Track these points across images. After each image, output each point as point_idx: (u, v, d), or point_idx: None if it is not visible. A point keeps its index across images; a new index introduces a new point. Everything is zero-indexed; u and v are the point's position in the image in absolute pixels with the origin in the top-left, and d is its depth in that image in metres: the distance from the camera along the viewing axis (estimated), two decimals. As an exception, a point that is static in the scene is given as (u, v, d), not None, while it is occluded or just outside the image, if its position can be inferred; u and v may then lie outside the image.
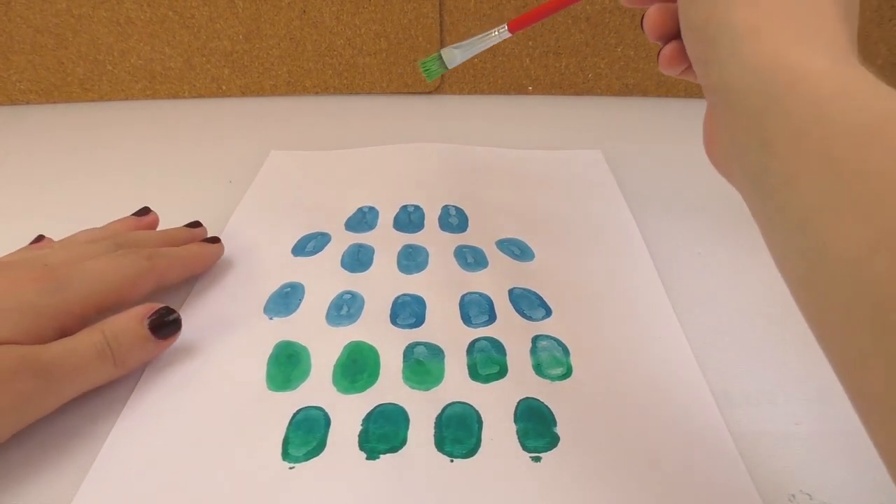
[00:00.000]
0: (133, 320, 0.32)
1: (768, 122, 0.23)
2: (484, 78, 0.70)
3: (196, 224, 0.42)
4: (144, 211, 0.42)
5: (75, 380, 0.30)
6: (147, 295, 0.36)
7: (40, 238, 0.38)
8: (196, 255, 0.39)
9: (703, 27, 0.28)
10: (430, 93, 0.71)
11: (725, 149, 0.27)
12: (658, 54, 0.34)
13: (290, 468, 0.28)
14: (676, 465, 0.28)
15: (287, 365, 0.33)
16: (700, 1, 0.28)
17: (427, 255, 0.43)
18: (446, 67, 0.45)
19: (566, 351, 0.34)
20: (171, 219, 0.46)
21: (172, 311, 0.33)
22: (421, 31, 0.67)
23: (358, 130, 0.62)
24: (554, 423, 0.30)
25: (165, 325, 0.33)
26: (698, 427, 0.30)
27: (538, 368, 0.33)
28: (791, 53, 0.24)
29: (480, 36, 0.43)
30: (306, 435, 0.29)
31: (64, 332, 0.31)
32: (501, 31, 0.42)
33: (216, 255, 0.41)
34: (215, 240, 0.41)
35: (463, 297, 0.38)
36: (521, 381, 0.32)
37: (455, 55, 0.44)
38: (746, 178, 0.25)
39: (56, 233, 0.44)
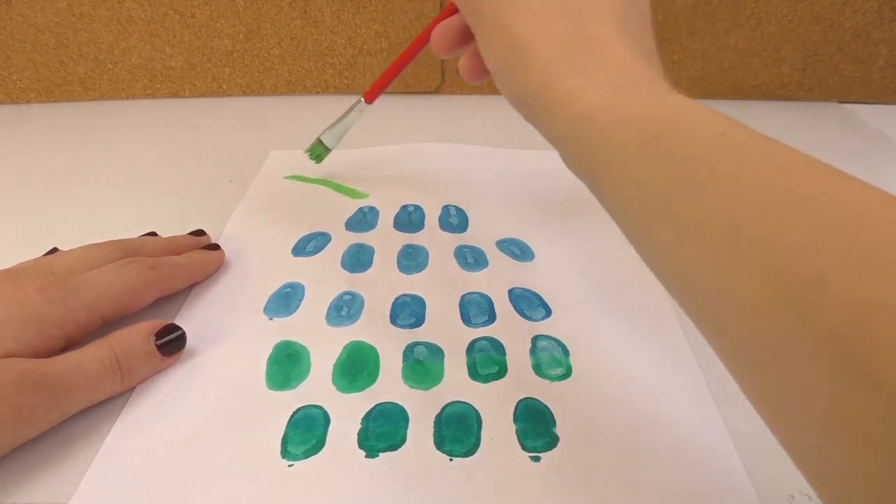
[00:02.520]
0: (140, 336, 0.32)
1: (582, 167, 0.28)
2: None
3: (200, 232, 0.42)
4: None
5: (80, 395, 0.30)
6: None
7: (54, 251, 0.37)
8: (198, 264, 0.39)
9: (509, 94, 0.31)
10: (430, 93, 0.71)
11: None
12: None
13: (290, 466, 0.28)
14: (676, 466, 0.28)
15: (287, 364, 0.33)
16: (502, 73, 0.31)
17: (427, 255, 0.43)
18: (329, 149, 0.50)
19: (566, 351, 0.34)
20: (171, 218, 0.46)
21: (177, 328, 0.33)
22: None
23: (358, 130, 0.61)
24: (553, 423, 0.30)
25: (171, 341, 0.33)
26: (698, 427, 0.30)
27: (538, 368, 0.33)
28: (579, 98, 0.27)
29: (344, 114, 0.48)
30: (305, 433, 0.29)
31: (69, 342, 0.32)
32: (360, 105, 0.48)
33: (218, 262, 0.41)
34: (215, 247, 0.41)
35: (463, 297, 0.38)
36: (520, 381, 0.32)
37: (334, 135, 0.49)
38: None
39: (56, 232, 0.44)
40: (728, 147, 0.22)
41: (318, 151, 0.50)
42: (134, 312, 0.35)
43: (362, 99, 0.47)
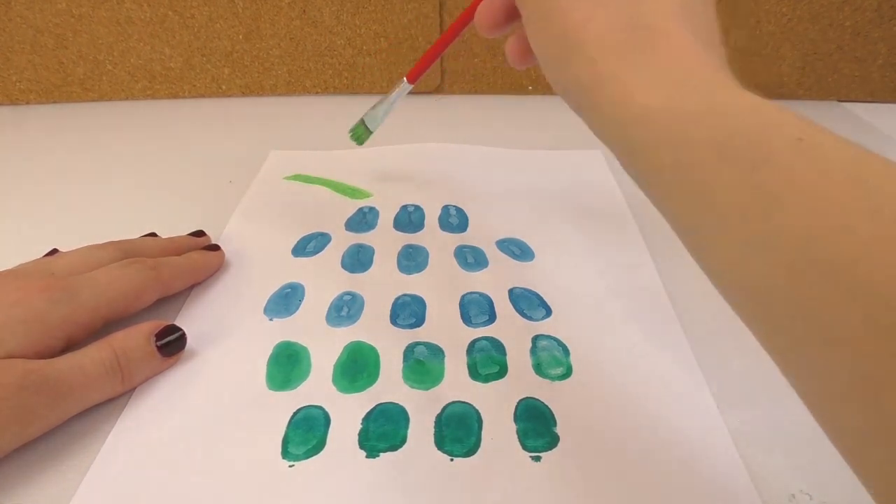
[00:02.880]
0: (140, 337, 0.32)
1: (637, 169, 0.26)
2: (484, 78, 0.70)
3: (200, 233, 0.42)
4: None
5: (81, 396, 0.30)
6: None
7: (54, 251, 0.37)
8: (198, 265, 0.39)
9: (557, 84, 0.29)
10: (430, 93, 0.71)
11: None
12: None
13: (290, 466, 0.28)
14: (676, 465, 0.28)
15: (287, 365, 0.33)
16: (550, 63, 0.29)
17: (427, 255, 0.43)
18: (371, 131, 0.50)
19: (566, 351, 0.34)
20: (171, 219, 0.46)
21: (178, 329, 0.33)
22: (421, 31, 0.67)
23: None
24: (554, 422, 0.30)
25: (171, 342, 0.33)
26: (698, 427, 0.30)
27: (538, 368, 0.33)
28: (635, 95, 0.25)
29: (388, 95, 0.48)
30: (306, 433, 0.29)
31: (70, 342, 0.32)
32: (403, 85, 0.47)
33: (218, 263, 0.41)
34: (215, 247, 0.41)
35: (463, 296, 0.38)
36: (521, 381, 0.32)
37: (376, 116, 0.49)
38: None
39: (56, 233, 0.44)
40: (806, 154, 0.20)
41: (360, 132, 0.50)
42: (135, 313, 0.35)
43: (405, 79, 0.47)
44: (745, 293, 0.21)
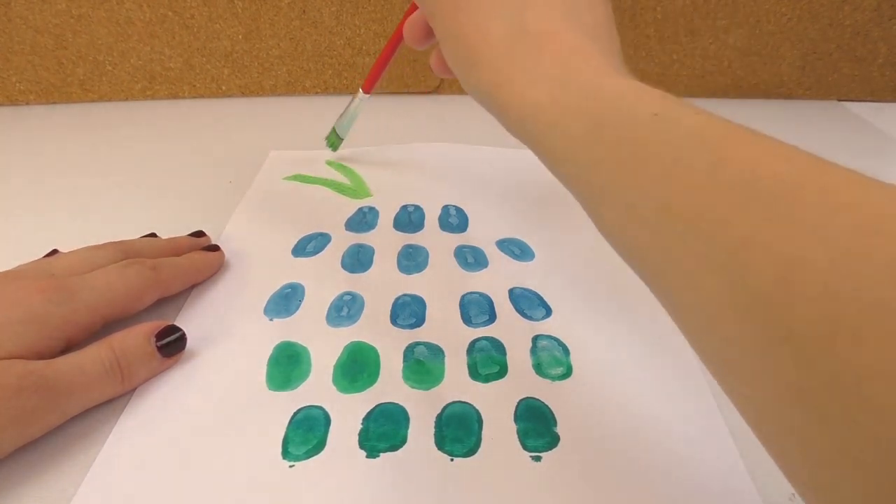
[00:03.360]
0: (140, 337, 0.32)
1: (538, 155, 0.29)
2: (484, 78, 0.70)
3: (199, 233, 0.42)
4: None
5: (80, 396, 0.30)
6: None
7: (54, 252, 0.37)
8: (198, 265, 0.39)
9: (469, 91, 0.32)
10: (430, 93, 0.71)
11: None
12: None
13: (290, 466, 0.28)
14: (676, 465, 0.28)
15: (287, 365, 0.33)
16: (460, 74, 0.32)
17: (427, 255, 0.43)
18: (342, 138, 0.54)
19: (566, 351, 0.34)
20: (171, 219, 0.46)
21: (178, 329, 0.33)
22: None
23: (358, 130, 0.61)
24: (554, 422, 0.30)
25: (171, 342, 0.33)
26: (699, 426, 0.30)
27: (538, 368, 0.33)
28: (525, 95, 0.28)
29: (346, 107, 0.52)
30: (306, 434, 0.29)
31: (69, 343, 0.32)
32: (361, 96, 0.50)
33: (217, 263, 0.41)
34: (215, 248, 0.41)
35: (463, 296, 0.38)
36: (521, 381, 0.32)
37: (343, 126, 0.54)
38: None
39: (56, 233, 0.44)
40: (660, 126, 0.23)
41: (333, 140, 0.55)
42: (134, 314, 0.35)
43: (360, 90, 0.51)
44: (629, 253, 0.25)
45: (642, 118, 0.24)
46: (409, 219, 0.47)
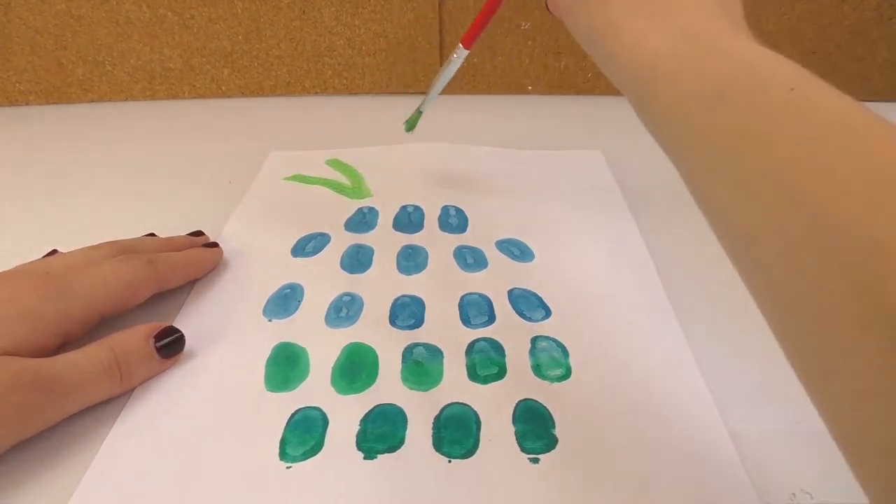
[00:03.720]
0: (139, 338, 0.32)
1: (646, 114, 0.27)
2: (484, 78, 0.70)
3: (198, 233, 0.42)
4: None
5: (78, 395, 0.30)
6: (148, 299, 0.36)
7: (53, 252, 0.37)
8: (195, 260, 0.39)
9: (577, 33, 0.32)
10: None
11: None
12: None
13: (288, 468, 0.28)
14: (675, 467, 0.28)
15: (285, 366, 0.33)
16: (572, 10, 0.32)
17: (426, 255, 0.43)
18: (421, 111, 0.50)
19: (565, 352, 0.34)
20: (171, 219, 0.46)
21: (177, 330, 0.33)
22: (421, 31, 0.67)
23: (358, 130, 0.61)
24: (552, 424, 0.30)
25: (170, 343, 0.33)
26: (697, 428, 0.30)
27: (537, 369, 0.33)
28: (644, 42, 0.27)
29: (442, 69, 0.46)
30: (304, 435, 0.29)
31: (66, 338, 0.32)
32: (459, 51, 0.44)
33: (215, 260, 0.41)
34: (214, 245, 0.41)
35: (462, 297, 0.38)
36: (519, 383, 0.32)
37: (433, 94, 0.48)
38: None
39: (56, 233, 0.44)
40: (797, 103, 0.22)
41: (413, 118, 0.50)
42: (131, 308, 0.35)
43: (460, 45, 0.44)
44: (733, 233, 0.23)
45: (776, 91, 0.22)
46: (409, 219, 0.47)
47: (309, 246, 0.44)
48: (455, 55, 0.44)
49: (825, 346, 0.19)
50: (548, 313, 0.37)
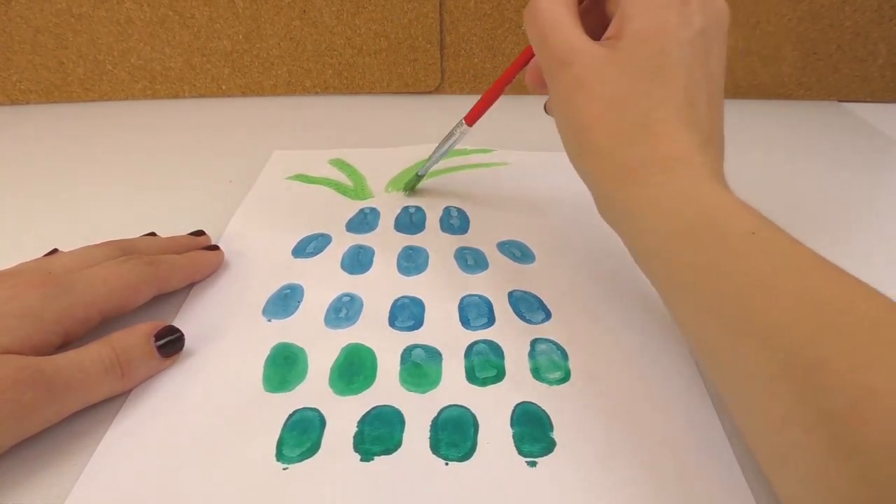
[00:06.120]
0: (140, 337, 0.32)
1: (627, 243, 0.32)
2: (484, 78, 0.70)
3: (200, 233, 0.43)
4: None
5: (79, 393, 0.30)
6: (148, 300, 0.36)
7: (54, 251, 0.37)
8: (197, 263, 0.39)
9: (574, 166, 0.35)
10: (430, 93, 0.71)
11: None
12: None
13: (284, 469, 0.28)
14: (674, 472, 0.28)
15: (284, 367, 0.33)
16: (567, 146, 0.34)
17: (427, 256, 0.43)
18: (419, 176, 0.50)
19: (565, 355, 0.34)
20: (171, 219, 0.46)
21: (177, 329, 0.34)
22: (421, 30, 0.67)
23: (358, 130, 0.62)
24: (551, 427, 0.30)
25: (170, 342, 0.33)
26: (696, 433, 0.30)
27: (536, 372, 0.33)
28: (628, 192, 0.31)
29: (444, 140, 0.46)
30: (301, 436, 0.29)
31: (67, 338, 0.32)
32: (461, 128, 0.45)
33: (216, 262, 0.41)
34: (215, 247, 0.41)
35: (462, 299, 0.38)
36: (518, 385, 0.32)
37: (433, 161, 0.48)
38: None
39: (56, 233, 0.44)
40: (756, 244, 0.26)
41: (411, 182, 0.50)
42: (132, 309, 0.35)
43: (463, 121, 0.45)
44: (698, 345, 0.28)
45: (739, 233, 0.26)
46: (410, 220, 0.47)
47: (310, 246, 0.44)
48: (457, 131, 0.45)
49: (778, 442, 0.23)
50: (548, 315, 0.37)
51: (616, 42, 0.32)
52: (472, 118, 0.44)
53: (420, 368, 0.33)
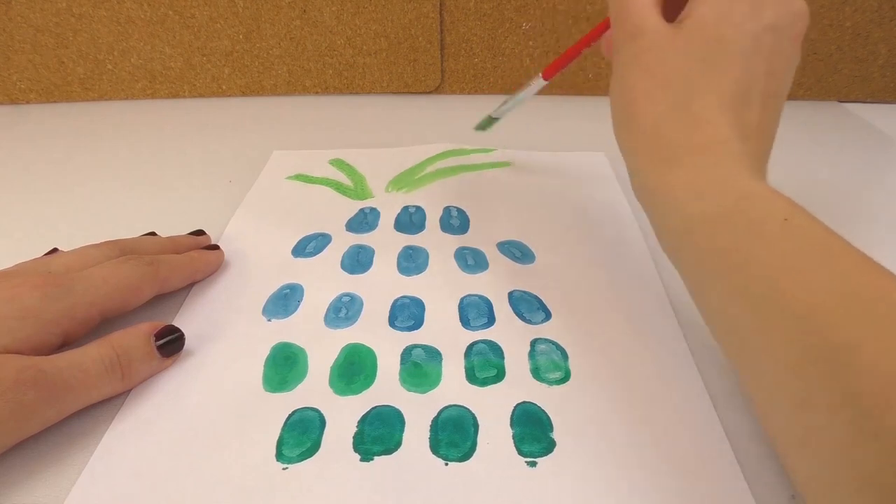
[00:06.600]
0: (140, 336, 0.32)
1: (657, 226, 0.32)
2: (484, 78, 0.70)
3: (200, 232, 0.43)
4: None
5: (79, 393, 0.29)
6: (148, 300, 0.36)
7: (54, 251, 0.37)
8: (197, 262, 0.39)
9: (617, 137, 0.34)
10: (430, 93, 0.71)
11: None
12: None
13: (284, 469, 0.28)
14: (673, 472, 0.28)
15: (284, 366, 0.33)
16: (616, 119, 0.34)
17: (427, 256, 0.43)
18: (496, 119, 0.52)
19: (565, 355, 0.34)
20: (171, 218, 0.46)
21: (177, 329, 0.34)
22: (421, 30, 0.67)
23: (358, 130, 0.62)
24: (550, 428, 0.30)
25: (170, 342, 0.33)
26: (696, 432, 0.30)
27: (536, 372, 0.33)
28: (664, 172, 0.31)
29: (522, 89, 0.49)
30: (301, 436, 0.29)
31: (67, 338, 0.32)
32: (537, 80, 0.47)
33: (217, 262, 0.41)
34: (215, 247, 0.41)
35: (462, 299, 0.38)
36: (518, 385, 0.32)
37: (505, 109, 0.51)
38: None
39: (56, 232, 0.44)
40: (789, 230, 0.26)
41: (485, 122, 0.52)
42: (132, 309, 0.35)
43: (540, 75, 0.47)
44: (725, 331, 0.28)
45: (772, 218, 0.27)
46: (410, 220, 0.47)
47: (310, 246, 0.44)
48: (533, 83, 0.47)
49: (800, 423, 0.23)
50: (548, 316, 0.37)
51: (682, 24, 0.32)
52: (549, 73, 0.46)
53: (420, 368, 0.33)
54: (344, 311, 0.37)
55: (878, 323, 0.22)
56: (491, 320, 0.37)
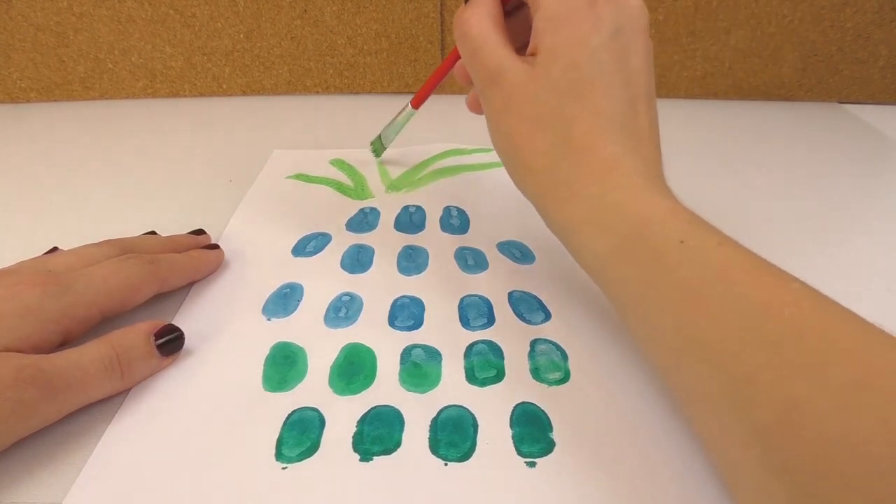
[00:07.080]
0: (139, 335, 0.32)
1: (572, 255, 0.32)
2: (485, 78, 0.70)
3: (200, 231, 0.43)
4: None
5: (78, 392, 0.29)
6: (148, 299, 0.36)
7: (54, 250, 0.37)
8: (197, 261, 0.39)
9: (513, 181, 0.35)
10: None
11: None
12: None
13: (284, 468, 0.28)
14: (673, 472, 0.28)
15: (283, 366, 0.33)
16: (504, 163, 0.35)
17: (427, 256, 0.43)
18: (384, 146, 0.54)
19: (564, 355, 0.34)
20: (171, 218, 0.46)
21: (176, 328, 0.34)
22: (422, 30, 0.67)
23: (359, 130, 0.61)
24: (550, 428, 0.30)
25: (170, 341, 0.33)
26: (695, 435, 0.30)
27: (536, 373, 0.33)
28: (564, 209, 0.31)
29: (393, 118, 0.52)
30: (300, 435, 0.29)
31: (67, 337, 0.32)
32: (407, 110, 0.50)
33: (217, 262, 0.41)
34: (215, 247, 0.41)
35: (462, 299, 0.38)
36: (518, 386, 0.32)
37: (388, 136, 0.53)
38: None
39: (56, 232, 0.44)
40: (684, 255, 0.26)
41: (377, 147, 0.54)
42: (131, 308, 0.35)
43: (409, 104, 0.50)
44: (651, 364, 0.29)
45: (668, 244, 0.26)
46: (410, 219, 0.47)
47: (310, 246, 0.44)
48: (403, 112, 0.51)
49: (725, 460, 0.23)
50: (548, 316, 0.37)
51: (534, 59, 0.32)
52: (417, 102, 0.50)
53: (420, 368, 0.33)
54: (344, 310, 0.37)
55: (771, 348, 0.21)
56: (491, 320, 0.37)
